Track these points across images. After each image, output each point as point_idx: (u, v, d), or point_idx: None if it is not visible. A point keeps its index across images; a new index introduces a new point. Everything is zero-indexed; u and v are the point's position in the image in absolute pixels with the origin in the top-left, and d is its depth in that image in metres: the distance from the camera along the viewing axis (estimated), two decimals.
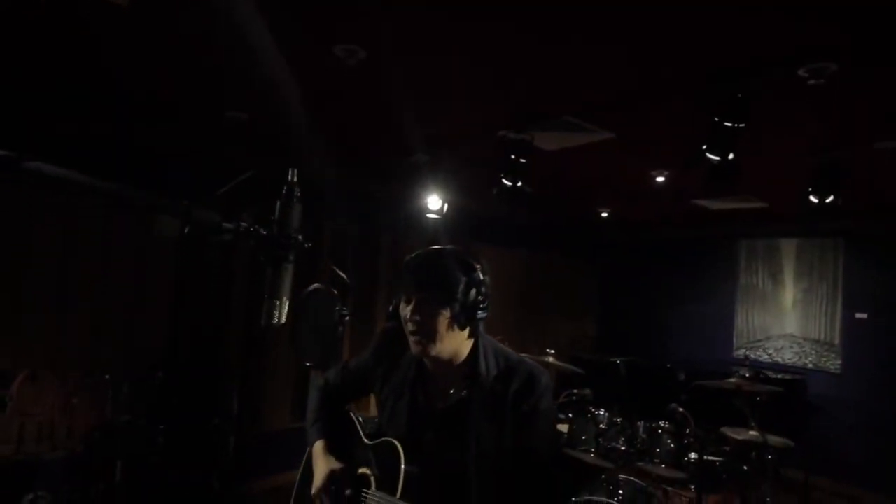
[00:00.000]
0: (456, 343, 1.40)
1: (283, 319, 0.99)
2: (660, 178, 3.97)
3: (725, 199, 4.80)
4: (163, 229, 3.86)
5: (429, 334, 1.36)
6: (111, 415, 3.45)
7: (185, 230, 0.89)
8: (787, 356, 5.53)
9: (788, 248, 5.69)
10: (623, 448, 3.02)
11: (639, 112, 2.80)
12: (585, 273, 7.01)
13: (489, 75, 2.48)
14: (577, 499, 2.88)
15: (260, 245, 0.98)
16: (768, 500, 3.29)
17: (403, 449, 1.38)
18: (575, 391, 3.26)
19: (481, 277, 1.39)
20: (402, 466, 1.34)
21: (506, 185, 2.98)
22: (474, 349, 1.43)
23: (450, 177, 4.07)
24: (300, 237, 0.99)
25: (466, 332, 1.40)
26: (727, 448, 3.06)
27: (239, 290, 4.24)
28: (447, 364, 1.41)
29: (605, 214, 5.79)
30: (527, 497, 1.34)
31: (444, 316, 1.35)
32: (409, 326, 1.38)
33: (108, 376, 3.44)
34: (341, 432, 1.59)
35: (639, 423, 3.07)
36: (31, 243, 3.38)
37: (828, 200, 3.03)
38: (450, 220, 4.45)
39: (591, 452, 3.10)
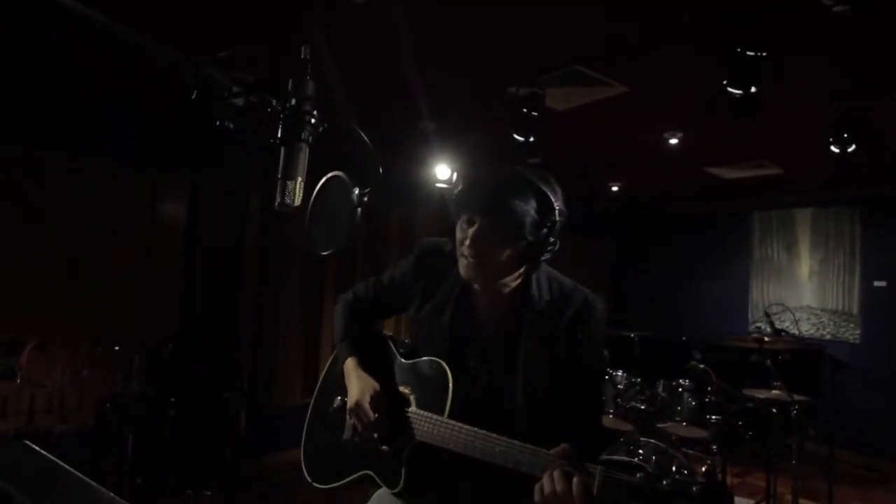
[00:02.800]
0: (511, 276, 1.30)
1: (298, 201, 0.93)
2: (673, 141, 3.89)
3: (739, 167, 4.71)
4: (168, 213, 3.84)
5: (483, 264, 1.25)
6: (122, 387, 3.41)
7: (194, 94, 0.83)
8: (805, 328, 5.43)
9: (803, 219, 5.59)
10: (643, 407, 2.95)
11: (654, 60, 2.73)
12: (597, 250, 6.94)
13: (495, 24, 2.42)
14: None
15: (273, 121, 0.92)
16: (794, 462, 3.21)
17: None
18: None
19: (557, 218, 1.25)
20: (451, 387, 1.27)
21: (517, 140, 2.92)
22: (528, 277, 1.33)
23: (458, 146, 4.01)
24: (315, 114, 0.93)
25: (524, 268, 1.30)
26: (750, 405, 2.98)
27: (249, 265, 4.21)
28: (498, 289, 1.31)
29: (615, 189, 5.71)
30: (574, 425, 1.24)
31: (506, 251, 1.24)
32: (464, 249, 1.25)
33: (117, 348, 3.41)
34: (374, 350, 1.50)
35: (659, 381, 3.00)
36: (42, 213, 3.36)
37: (849, 150, 2.94)
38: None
39: (611, 413, 3.03)
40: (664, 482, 0.88)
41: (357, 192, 0.95)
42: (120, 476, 3.28)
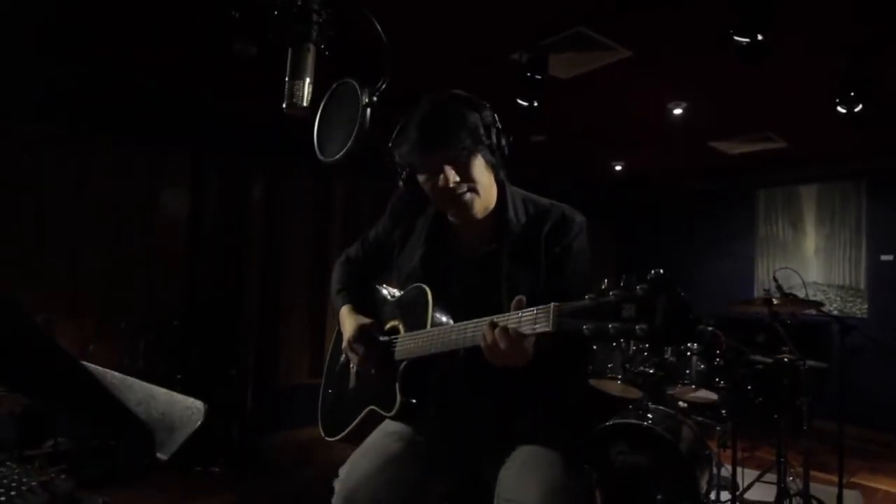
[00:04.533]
0: (491, 191, 1.32)
1: (307, 102, 0.92)
2: (677, 111, 3.86)
3: (743, 141, 4.68)
4: (170, 203, 3.83)
5: (473, 188, 1.26)
6: (128, 363, 3.41)
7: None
8: None
9: (808, 195, 5.56)
10: (651, 371, 2.93)
11: (658, 20, 2.70)
12: (601, 234, 6.92)
13: None
14: (608, 423, 2.81)
15: (281, 21, 0.91)
16: (805, 427, 3.18)
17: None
18: None
19: (494, 115, 1.29)
20: (430, 301, 1.27)
21: (521, 105, 2.90)
22: (502, 198, 1.35)
23: None
24: (323, 13, 0.91)
25: (493, 178, 1.32)
26: (760, 367, 2.97)
27: (253, 243, 4.21)
28: (475, 216, 1.33)
29: (619, 168, 5.69)
30: (558, 342, 1.25)
31: (478, 163, 1.26)
32: (450, 193, 1.25)
33: (123, 325, 3.40)
34: (368, 298, 1.54)
35: (667, 347, 2.98)
36: (46, 191, 3.36)
37: (856, 110, 2.92)
38: None
39: (619, 380, 3.01)
40: (611, 293, 0.88)
41: (366, 94, 0.94)
42: None
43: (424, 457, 1.26)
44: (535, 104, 2.92)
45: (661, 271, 0.87)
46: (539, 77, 2.83)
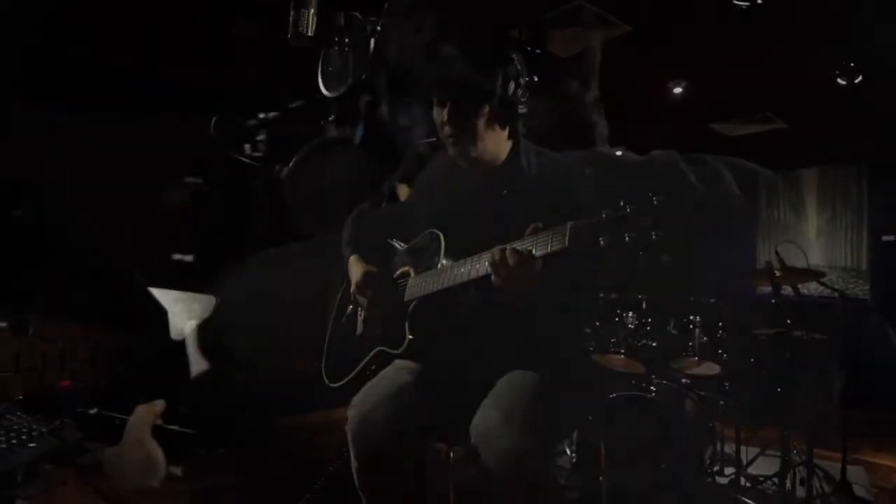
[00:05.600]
0: (496, 143, 1.34)
1: (312, 32, 0.93)
2: (677, 90, 3.87)
3: (744, 122, 4.68)
4: (170, 201, 3.84)
5: (468, 136, 1.29)
6: (133, 345, 3.42)
7: None
8: (813, 287, 5.39)
9: (810, 179, 5.57)
10: (654, 345, 2.94)
11: None
12: None
13: None
14: (612, 395, 2.82)
15: None
16: (808, 401, 3.19)
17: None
18: (601, 294, 3.18)
19: (520, 68, 1.30)
20: (442, 244, 1.29)
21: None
22: (515, 149, 1.37)
23: None
24: None
25: (507, 131, 1.33)
26: (763, 338, 2.97)
27: (254, 240, 4.21)
28: (485, 165, 1.35)
29: (619, 154, 5.69)
30: (563, 280, 1.26)
31: (483, 113, 1.27)
32: (446, 130, 1.29)
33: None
34: (378, 250, 1.55)
35: (670, 320, 2.99)
36: (46, 188, 3.36)
37: (857, 81, 2.92)
38: None
39: (622, 353, 3.01)
40: (628, 207, 0.90)
41: (370, 25, 0.95)
42: None
43: (434, 393, 1.28)
44: (536, 79, 2.91)
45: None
46: (539, 52, 2.83)
